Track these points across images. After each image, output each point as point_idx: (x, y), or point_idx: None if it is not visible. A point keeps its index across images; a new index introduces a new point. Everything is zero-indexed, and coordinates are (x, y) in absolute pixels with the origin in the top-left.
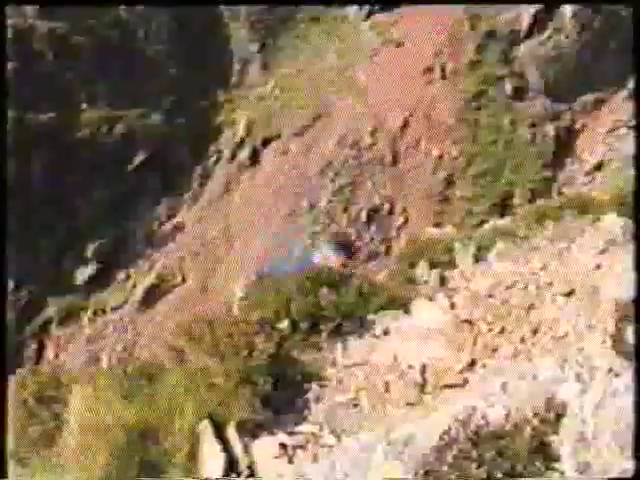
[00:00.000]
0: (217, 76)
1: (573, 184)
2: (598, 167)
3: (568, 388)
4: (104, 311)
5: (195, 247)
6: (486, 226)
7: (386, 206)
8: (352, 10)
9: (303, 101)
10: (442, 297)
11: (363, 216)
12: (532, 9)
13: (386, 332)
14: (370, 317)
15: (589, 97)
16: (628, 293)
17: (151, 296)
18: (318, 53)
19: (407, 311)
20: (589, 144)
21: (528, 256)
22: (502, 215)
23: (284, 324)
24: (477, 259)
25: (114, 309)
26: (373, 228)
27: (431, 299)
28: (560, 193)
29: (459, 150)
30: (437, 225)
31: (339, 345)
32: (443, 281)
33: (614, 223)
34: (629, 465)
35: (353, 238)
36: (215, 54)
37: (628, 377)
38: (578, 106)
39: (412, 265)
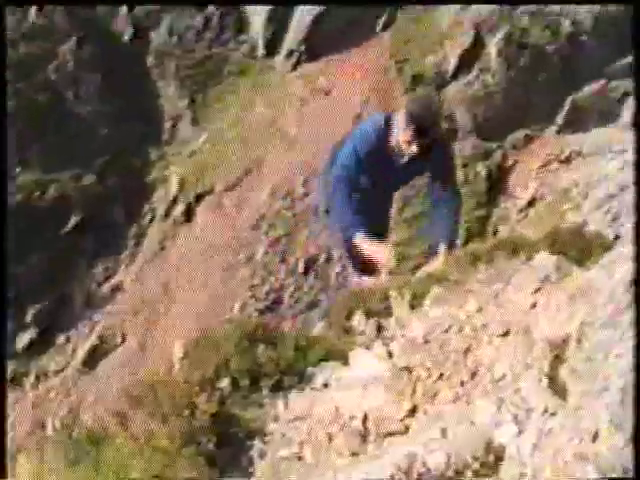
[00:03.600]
0: (148, 134)
1: (507, 221)
2: (531, 203)
3: (506, 430)
4: (46, 375)
5: (135, 306)
6: (421, 272)
7: (323, 255)
8: (279, 60)
9: (234, 154)
10: (379, 346)
11: (301, 266)
12: (458, 50)
13: (326, 384)
14: (309, 370)
15: (519, 134)
16: (562, 331)
17: (92, 357)
18: (247, 106)
19: (346, 362)
20: (521, 180)
21: (463, 300)
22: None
23: (225, 383)
24: (413, 306)
25: (56, 372)
26: (311, 278)
27: (369, 348)
28: (495, 231)
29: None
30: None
31: (280, 400)
32: (380, 330)
33: (547, 261)
34: None
35: (290, 290)
36: (145, 112)
37: (563, 416)
38: (509, 143)
39: (348, 315)
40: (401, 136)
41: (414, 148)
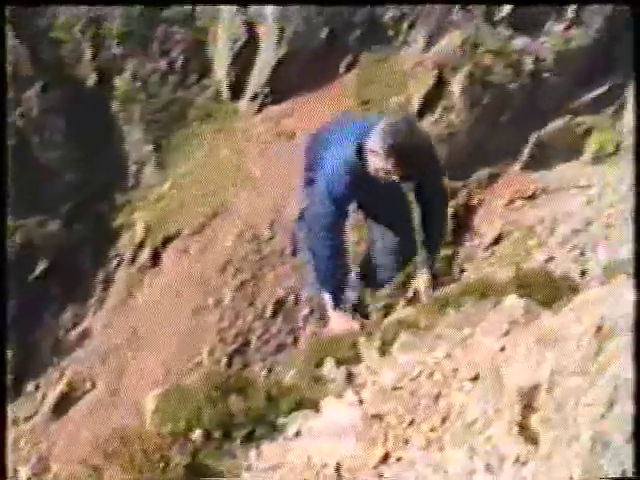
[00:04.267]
0: (114, 179)
1: (474, 259)
2: (497, 240)
3: (478, 479)
4: (16, 423)
5: (103, 352)
6: (389, 318)
7: (291, 297)
8: (244, 104)
9: (200, 199)
10: (350, 394)
11: (269, 309)
12: (422, 90)
13: (298, 433)
14: (281, 419)
15: (484, 172)
16: (531, 378)
17: (62, 404)
18: (212, 149)
19: (317, 410)
20: (487, 218)
21: (432, 345)
22: (407, 299)
23: (197, 434)
24: (382, 352)
25: (26, 420)
26: (280, 320)
27: (340, 396)
28: (462, 270)
29: (358, 235)
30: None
31: (253, 450)
32: (350, 377)
33: (515, 304)
34: None
35: (258, 333)
36: (110, 157)
37: (535, 465)
38: (474, 182)
39: (319, 363)
40: (380, 166)
41: (396, 178)
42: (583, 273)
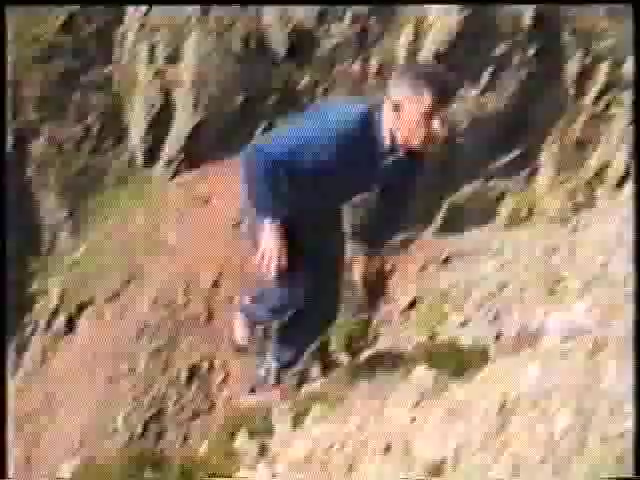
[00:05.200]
0: (28, 245)
1: (389, 325)
2: (412, 305)
3: None
4: None
5: (19, 419)
6: (302, 390)
7: (205, 364)
8: (159, 169)
9: (115, 265)
10: (263, 467)
11: (183, 376)
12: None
13: None
14: None
15: (397, 238)
16: (439, 451)
17: None
18: (127, 216)
19: None
20: (401, 283)
21: (344, 416)
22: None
23: None
24: (295, 424)
25: None
26: (194, 387)
27: (253, 469)
28: (376, 335)
29: None
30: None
31: None
32: (263, 450)
33: (424, 375)
34: None
35: (173, 400)
36: (25, 223)
37: None
38: (387, 248)
39: (232, 435)
40: (411, 114)
41: (436, 125)
42: (497, 337)
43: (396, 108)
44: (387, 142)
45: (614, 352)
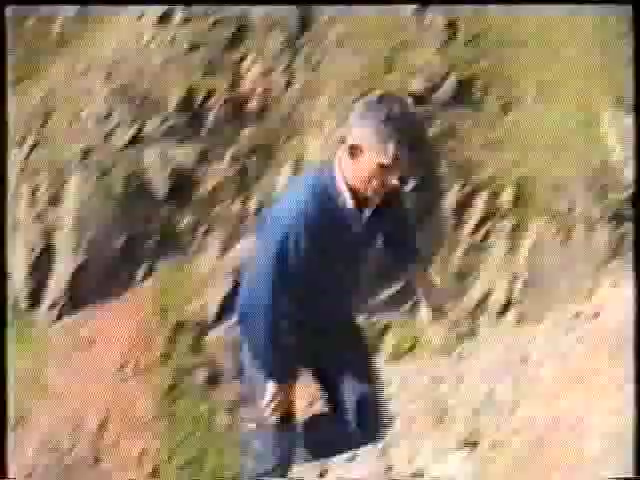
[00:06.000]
0: None
1: None
2: None
3: None
4: None
5: None
6: None
7: None
8: (42, 312)
9: (1, 409)
10: None
11: None
12: (218, 297)
13: None
14: None
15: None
16: None
17: None
18: (11, 359)
19: None
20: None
21: None
22: None
23: None
24: None
25: None
26: None
27: None
28: None
29: (160, 444)
30: None
31: None
32: None
33: None
34: None
35: None
36: None
37: None
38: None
39: None
40: (372, 164)
41: (395, 180)
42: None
43: (353, 153)
44: (348, 198)
45: None
